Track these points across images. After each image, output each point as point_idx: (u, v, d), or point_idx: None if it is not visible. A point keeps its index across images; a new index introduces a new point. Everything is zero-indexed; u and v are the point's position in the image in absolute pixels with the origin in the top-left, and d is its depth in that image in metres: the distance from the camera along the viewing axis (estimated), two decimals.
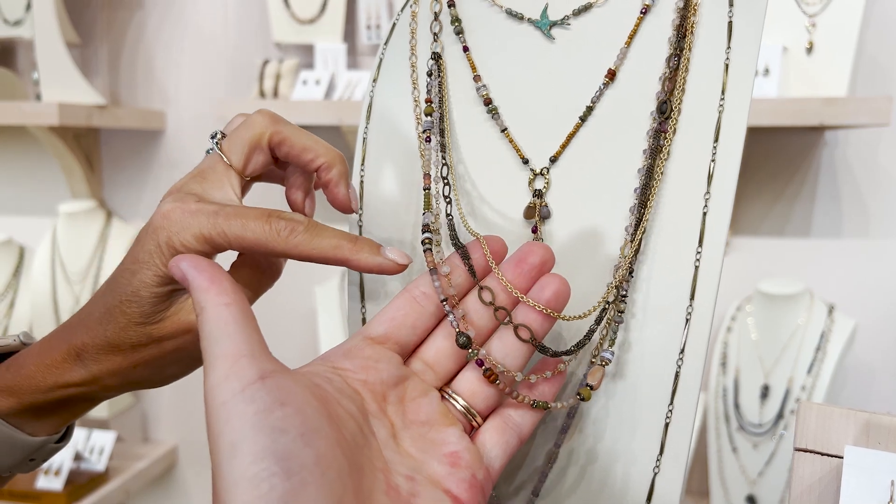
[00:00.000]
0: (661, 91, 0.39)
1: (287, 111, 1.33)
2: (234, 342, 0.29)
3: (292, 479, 0.27)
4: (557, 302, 0.36)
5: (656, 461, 0.39)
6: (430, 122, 0.41)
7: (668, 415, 0.38)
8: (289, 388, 0.29)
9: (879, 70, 1.30)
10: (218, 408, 0.28)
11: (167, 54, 1.59)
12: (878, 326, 1.36)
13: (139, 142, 1.63)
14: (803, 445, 0.37)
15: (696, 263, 0.38)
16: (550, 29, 0.40)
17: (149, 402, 1.71)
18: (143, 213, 1.65)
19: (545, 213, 0.40)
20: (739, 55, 0.39)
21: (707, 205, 0.38)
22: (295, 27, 1.44)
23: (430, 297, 0.36)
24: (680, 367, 0.38)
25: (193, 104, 1.59)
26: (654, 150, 0.38)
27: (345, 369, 0.34)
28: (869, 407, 1.13)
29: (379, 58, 0.47)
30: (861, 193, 1.36)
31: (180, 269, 0.31)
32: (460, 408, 0.36)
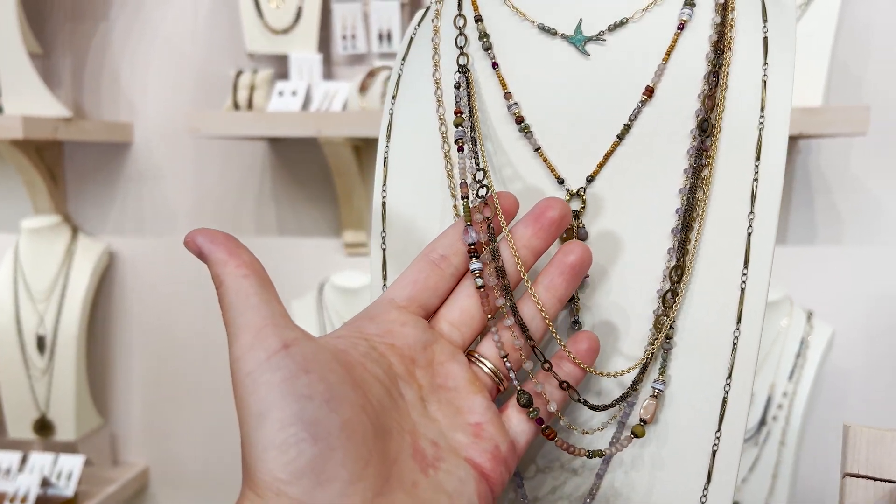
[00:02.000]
0: (701, 108, 0.38)
1: (263, 123, 1.30)
2: (256, 312, 0.29)
3: (319, 444, 0.27)
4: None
5: (703, 491, 0.37)
6: (461, 132, 0.39)
7: (715, 442, 0.37)
8: (313, 354, 0.29)
9: (852, 79, 1.32)
10: (244, 378, 0.28)
11: (134, 65, 1.55)
12: (854, 332, 1.38)
13: (105, 155, 1.58)
14: (855, 471, 0.36)
15: (742, 286, 0.37)
16: (585, 45, 0.39)
17: (117, 422, 1.65)
18: (110, 228, 1.59)
19: (582, 235, 0.39)
20: (776, 71, 0.39)
21: (752, 225, 0.37)
22: (268, 37, 1.41)
23: (448, 259, 0.36)
24: (727, 393, 0.37)
25: (162, 116, 1.54)
26: (696, 170, 0.37)
27: (371, 334, 0.34)
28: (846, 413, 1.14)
29: (397, 74, 0.45)
30: (834, 201, 1.38)
31: (196, 244, 0.31)
32: (487, 371, 0.35)
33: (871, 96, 1.31)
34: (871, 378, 1.38)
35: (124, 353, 1.64)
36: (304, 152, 1.49)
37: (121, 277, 1.61)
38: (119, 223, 1.60)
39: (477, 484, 0.32)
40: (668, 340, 0.37)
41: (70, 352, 1.50)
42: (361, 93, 1.32)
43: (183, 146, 1.54)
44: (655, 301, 0.38)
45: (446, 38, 0.43)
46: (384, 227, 0.43)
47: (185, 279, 1.59)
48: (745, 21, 0.39)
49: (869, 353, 1.38)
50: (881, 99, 1.29)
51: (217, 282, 0.31)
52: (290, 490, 0.27)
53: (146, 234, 1.59)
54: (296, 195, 1.53)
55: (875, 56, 1.31)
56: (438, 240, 0.37)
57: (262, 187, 1.54)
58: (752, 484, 1.29)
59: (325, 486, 0.27)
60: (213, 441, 1.63)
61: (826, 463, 1.41)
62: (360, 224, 1.49)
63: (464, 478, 0.32)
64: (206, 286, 1.57)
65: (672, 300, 0.37)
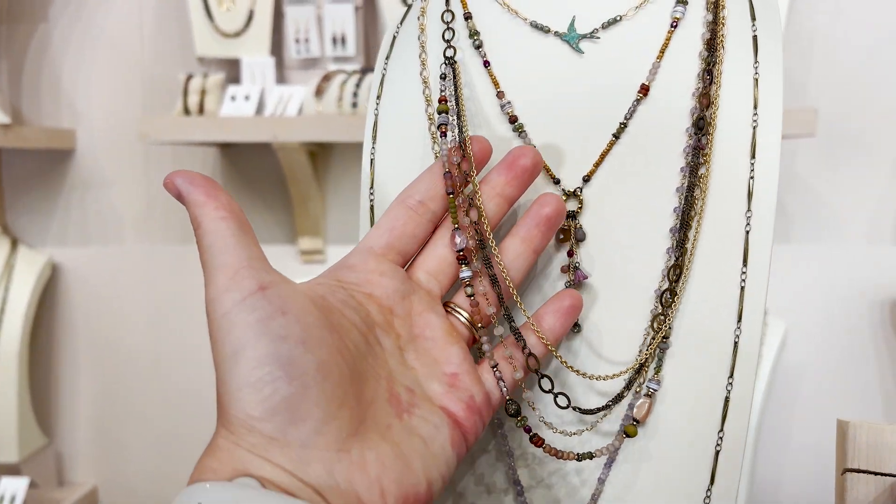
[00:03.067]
0: (696, 106, 0.37)
1: (217, 128, 1.26)
2: (233, 254, 0.29)
3: (294, 382, 0.27)
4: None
5: (706, 492, 0.37)
6: (445, 118, 0.37)
7: (718, 442, 0.37)
8: (289, 296, 0.29)
9: (796, 84, 1.36)
10: (219, 319, 0.28)
11: (76, 69, 1.49)
12: (805, 329, 1.41)
13: (46, 162, 1.51)
14: (855, 465, 0.36)
15: (742, 284, 0.37)
16: (579, 42, 0.38)
17: (63, 441, 1.58)
18: (53, 239, 1.53)
19: (580, 236, 0.38)
20: (767, 69, 0.39)
21: (749, 223, 0.37)
22: (219, 41, 1.38)
23: (425, 205, 0.36)
24: (730, 392, 0.37)
25: (107, 122, 1.49)
26: (693, 168, 0.37)
27: (349, 283, 0.34)
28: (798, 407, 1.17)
29: (381, 73, 0.44)
30: (783, 201, 1.41)
31: (175, 185, 0.31)
32: (463, 321, 0.36)
33: (815, 100, 1.35)
34: (821, 373, 1.42)
35: (70, 368, 1.57)
36: (258, 158, 1.46)
37: (65, 290, 1.55)
38: (62, 234, 1.53)
39: (451, 431, 0.32)
40: (664, 340, 0.37)
41: (11, 369, 1.43)
42: (317, 97, 1.30)
43: (130, 153, 1.49)
44: (654, 300, 0.37)
45: (433, 35, 0.41)
46: None
47: (134, 291, 1.54)
48: (735, 19, 0.39)
49: (819, 349, 1.42)
50: (825, 103, 1.33)
51: (195, 224, 0.30)
52: (263, 427, 0.27)
53: (91, 245, 1.53)
54: (249, 202, 1.49)
55: (817, 63, 1.35)
56: (414, 185, 0.36)
57: None
58: None
59: (299, 425, 0.27)
60: (165, 457, 1.57)
61: (782, 457, 1.45)
62: (317, 231, 1.47)
63: (438, 424, 0.32)
64: (155, 298, 1.52)
65: (670, 300, 0.37)
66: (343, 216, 1.48)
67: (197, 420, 1.56)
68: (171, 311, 1.53)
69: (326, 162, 1.46)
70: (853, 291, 1.41)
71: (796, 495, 1.45)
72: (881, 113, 1.34)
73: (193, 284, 1.52)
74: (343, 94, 1.28)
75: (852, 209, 1.38)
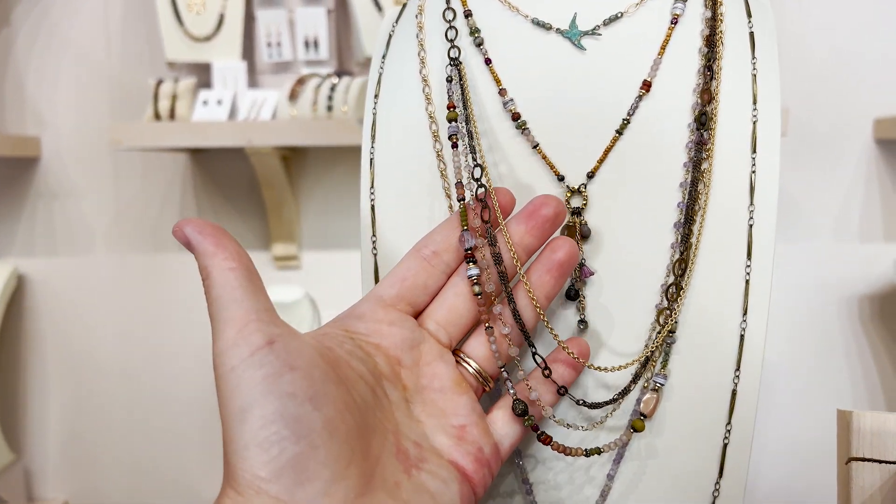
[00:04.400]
0: (697, 102, 0.38)
1: (189, 133, 1.24)
2: (241, 307, 0.29)
3: (301, 442, 0.27)
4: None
5: (715, 484, 0.37)
6: (455, 127, 0.37)
7: (726, 435, 0.37)
8: (297, 351, 0.29)
9: None
10: (227, 374, 0.28)
11: (41, 75, 1.45)
12: (775, 325, 1.44)
13: (10, 171, 1.47)
14: (860, 454, 0.37)
15: (747, 277, 0.37)
16: (581, 39, 0.38)
17: (31, 457, 1.54)
18: (18, 249, 1.49)
19: (585, 232, 0.38)
20: (764, 65, 0.39)
21: (752, 217, 0.37)
22: (189, 45, 1.36)
23: (439, 255, 0.35)
24: (737, 385, 0.37)
25: (74, 129, 1.46)
26: (696, 163, 0.37)
27: (358, 333, 0.33)
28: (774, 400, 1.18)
29: (378, 73, 0.43)
30: None
31: (184, 234, 0.30)
32: (472, 371, 0.35)
33: (783, 101, 1.37)
34: (793, 368, 1.45)
35: (38, 382, 1.53)
36: (230, 163, 1.44)
37: (31, 301, 1.51)
38: (27, 243, 1.50)
39: (460, 486, 0.32)
40: (670, 335, 0.37)
41: None
42: (291, 101, 1.29)
43: (98, 160, 1.46)
44: (659, 295, 0.38)
45: (432, 33, 0.41)
46: (374, 232, 0.41)
47: (103, 301, 1.50)
48: (732, 16, 0.40)
49: (790, 345, 1.44)
50: (793, 102, 1.36)
51: (203, 273, 0.30)
52: (270, 488, 0.27)
53: (59, 255, 1.50)
54: (221, 208, 1.47)
55: (784, 64, 1.38)
56: (430, 235, 0.36)
57: (185, 201, 1.47)
58: None
59: (307, 485, 0.27)
60: (138, 471, 1.54)
61: (757, 453, 1.47)
62: (291, 237, 1.45)
63: (447, 479, 0.32)
64: (125, 307, 1.49)
65: (676, 294, 0.37)
66: (318, 222, 1.47)
67: (168, 432, 1.53)
68: (141, 321, 1.50)
69: (300, 167, 1.45)
70: (822, 287, 1.43)
71: (772, 489, 1.47)
72: (846, 112, 1.37)
73: (164, 294, 1.49)
74: (317, 98, 1.27)
75: (819, 207, 1.41)
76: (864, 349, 1.44)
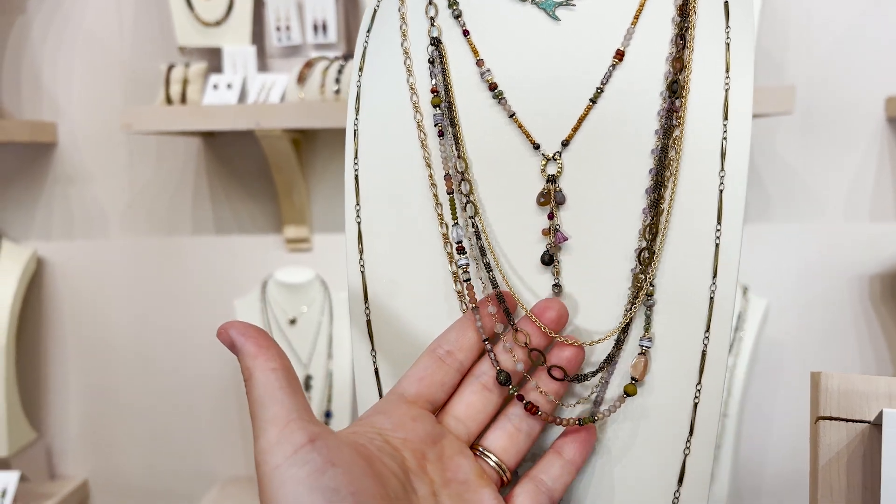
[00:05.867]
0: (670, 70, 0.39)
1: (200, 117, 1.26)
2: (283, 407, 0.30)
3: None
4: (556, 324, 0.38)
5: (686, 443, 0.38)
6: (440, 116, 0.39)
7: (696, 394, 0.38)
8: (337, 448, 0.30)
9: (773, 62, 1.38)
10: (271, 472, 0.29)
11: (56, 62, 1.48)
12: (783, 304, 1.44)
13: (28, 156, 1.51)
14: (827, 413, 0.38)
15: (717, 241, 0.38)
16: (555, 10, 0.39)
17: (53, 435, 1.58)
18: (37, 233, 1.52)
19: (560, 199, 0.39)
20: (738, 34, 0.40)
21: (723, 182, 0.38)
22: (200, 30, 1.37)
23: (453, 354, 0.38)
24: (707, 346, 0.38)
25: (88, 114, 1.49)
26: (666, 130, 0.38)
27: (384, 428, 0.35)
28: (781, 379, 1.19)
29: (363, 46, 0.44)
30: (762, 180, 1.43)
31: (229, 336, 0.32)
32: (492, 464, 0.37)
33: (793, 80, 1.37)
34: (802, 348, 1.45)
35: (57, 362, 1.57)
36: (241, 147, 1.46)
37: (50, 283, 1.55)
38: (46, 227, 1.53)
39: None
40: (649, 298, 0.38)
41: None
42: (300, 84, 1.30)
43: (112, 145, 1.49)
44: (633, 260, 0.39)
45: (413, 7, 0.42)
46: (358, 201, 0.42)
47: (120, 283, 1.54)
48: None
49: (799, 324, 1.44)
50: (801, 82, 1.35)
51: (246, 374, 0.32)
52: None
53: (76, 238, 1.53)
54: (233, 192, 1.49)
55: (794, 41, 1.37)
56: (444, 335, 0.39)
57: (198, 185, 1.50)
58: None
59: None
60: (155, 449, 1.58)
61: (765, 430, 1.47)
62: (302, 219, 1.47)
63: None
64: (140, 290, 1.52)
65: (648, 258, 0.38)
66: (328, 204, 1.49)
67: (183, 411, 1.56)
68: (156, 301, 1.53)
69: (311, 150, 1.47)
70: (831, 267, 1.43)
71: (780, 467, 1.48)
72: (857, 90, 1.36)
73: (178, 275, 1.52)
74: (325, 81, 1.28)
75: (829, 186, 1.40)
76: (875, 329, 1.44)
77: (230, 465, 1.58)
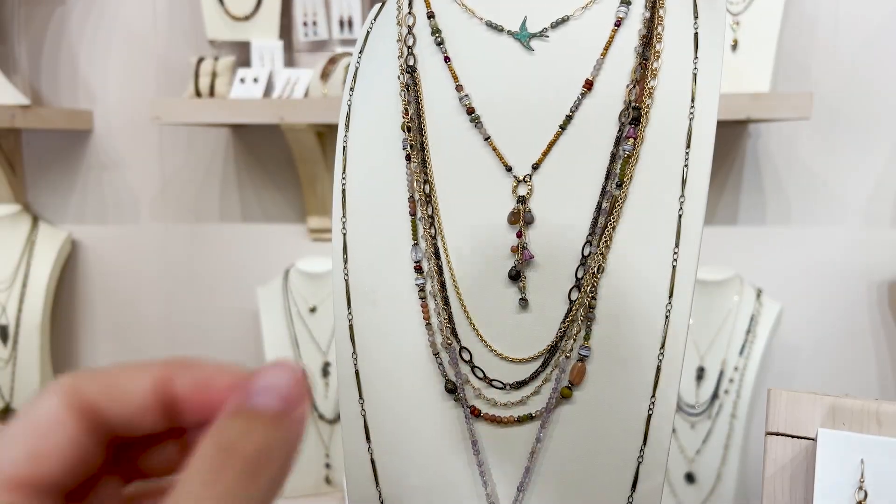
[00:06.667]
0: (627, 99, 0.41)
1: (226, 110, 1.30)
2: None
3: None
4: None
5: (640, 451, 0.41)
6: (407, 141, 0.42)
7: (650, 407, 0.41)
8: None
9: (797, 66, 1.38)
10: None
11: (92, 52, 1.54)
12: (800, 308, 1.44)
13: (65, 143, 1.57)
14: (775, 429, 0.40)
15: (674, 263, 0.40)
16: (530, 41, 0.42)
17: None
18: (72, 217, 1.59)
19: (529, 218, 0.42)
20: (706, 65, 0.42)
21: (682, 207, 0.40)
22: (229, 24, 1.41)
23: None
24: (661, 361, 0.40)
25: (122, 103, 1.54)
26: (613, 155, 0.40)
27: None
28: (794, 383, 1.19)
29: (354, 67, 0.47)
30: (782, 183, 1.43)
31: None
32: None
33: (815, 84, 1.36)
34: (816, 352, 1.45)
35: (89, 340, 1.64)
36: (267, 139, 1.50)
37: (84, 266, 1.61)
38: (80, 211, 1.59)
39: None
40: (591, 310, 0.41)
41: (33, 341, 1.50)
42: (323, 80, 1.33)
43: (145, 133, 1.54)
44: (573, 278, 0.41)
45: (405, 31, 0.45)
46: (344, 213, 0.45)
47: (149, 267, 1.59)
48: (675, 17, 0.42)
49: (815, 329, 1.44)
50: (825, 86, 1.34)
51: None
52: None
53: (108, 223, 1.59)
54: (259, 181, 1.54)
55: (818, 46, 1.36)
56: None
57: (226, 174, 1.54)
58: (705, 455, 1.34)
59: None
60: None
61: None
62: (325, 210, 1.51)
63: None
64: (168, 273, 1.58)
65: (591, 278, 0.40)
66: None
67: None
68: (183, 285, 1.59)
69: (334, 142, 1.50)
70: (850, 272, 1.42)
71: None
72: (881, 95, 1.35)
73: (204, 260, 1.57)
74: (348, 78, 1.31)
75: (850, 191, 1.40)
76: (893, 335, 1.43)
77: None
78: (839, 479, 0.35)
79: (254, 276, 1.52)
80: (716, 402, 1.34)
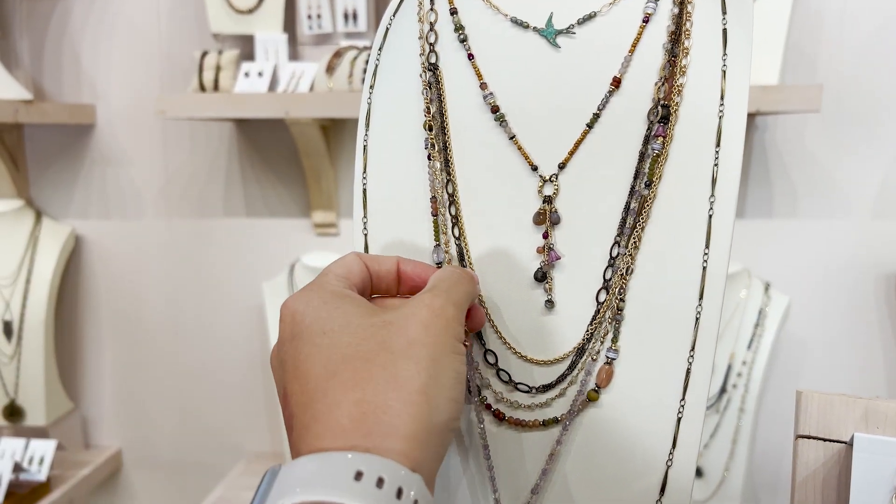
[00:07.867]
0: (656, 97, 0.40)
1: (230, 105, 1.29)
2: None
3: None
4: None
5: (669, 455, 0.40)
6: (429, 141, 0.41)
7: (680, 410, 0.40)
8: None
9: (806, 59, 1.37)
10: None
11: (95, 46, 1.52)
12: (808, 302, 1.43)
13: (67, 137, 1.55)
14: (806, 432, 0.39)
15: (704, 265, 0.39)
16: (556, 38, 0.41)
17: (88, 406, 1.65)
18: (75, 212, 1.58)
19: (555, 219, 0.41)
20: (735, 61, 0.41)
21: (713, 207, 0.40)
22: (233, 17, 1.40)
23: None
24: (691, 364, 0.40)
25: (126, 98, 1.53)
26: (642, 154, 0.40)
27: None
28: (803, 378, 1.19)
29: (374, 64, 0.46)
30: (790, 176, 1.42)
31: None
32: None
33: (824, 76, 1.35)
34: (824, 346, 1.44)
35: (93, 336, 1.63)
36: (272, 133, 1.49)
37: (87, 261, 1.60)
38: (84, 206, 1.58)
39: None
40: (619, 313, 0.40)
41: (38, 336, 1.49)
42: (328, 73, 1.32)
43: (148, 128, 1.53)
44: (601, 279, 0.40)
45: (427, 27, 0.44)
46: (365, 214, 0.44)
47: (153, 262, 1.58)
48: (704, 13, 0.41)
49: (823, 323, 1.44)
50: (833, 79, 1.33)
51: None
52: None
53: (112, 218, 1.58)
54: (264, 176, 1.53)
55: (827, 38, 1.35)
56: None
57: (230, 169, 1.53)
58: (713, 449, 1.34)
59: None
60: (186, 421, 1.63)
61: (783, 427, 1.47)
62: (330, 204, 1.50)
63: None
64: (173, 268, 1.57)
65: (620, 279, 0.40)
66: None
67: (212, 386, 1.61)
68: (188, 280, 1.58)
69: (339, 137, 1.49)
70: (858, 265, 1.42)
71: None
72: (889, 89, 1.34)
73: (209, 256, 1.56)
74: (353, 71, 1.30)
75: (858, 184, 1.39)
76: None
77: (256, 441, 1.63)
78: (875, 484, 0.35)
79: (259, 271, 1.51)
80: (724, 396, 1.33)
